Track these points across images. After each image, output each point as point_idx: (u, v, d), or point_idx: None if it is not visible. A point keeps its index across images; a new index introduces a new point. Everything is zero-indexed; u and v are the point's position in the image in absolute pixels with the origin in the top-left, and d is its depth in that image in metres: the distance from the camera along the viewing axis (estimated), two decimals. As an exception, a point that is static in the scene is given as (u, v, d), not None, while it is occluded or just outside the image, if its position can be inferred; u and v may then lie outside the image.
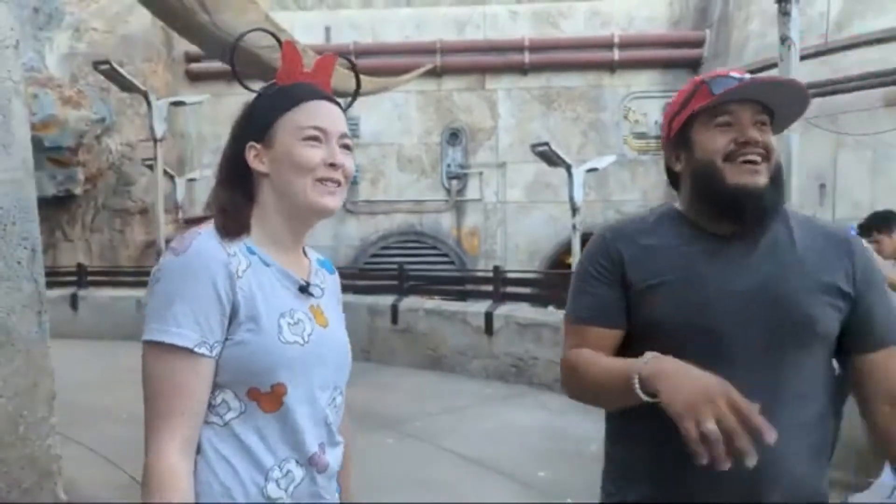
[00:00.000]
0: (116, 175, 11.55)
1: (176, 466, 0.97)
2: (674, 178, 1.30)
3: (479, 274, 10.54)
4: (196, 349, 0.99)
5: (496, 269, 7.69)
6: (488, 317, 6.74)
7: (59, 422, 2.45)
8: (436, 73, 11.46)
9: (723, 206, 1.16)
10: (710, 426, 0.92)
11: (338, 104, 1.15)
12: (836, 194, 8.15)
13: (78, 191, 10.92)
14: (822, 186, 8.19)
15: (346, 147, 1.13)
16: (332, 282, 1.26)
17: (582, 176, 8.45)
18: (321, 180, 1.10)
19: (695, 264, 1.17)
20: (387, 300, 7.74)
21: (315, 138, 1.10)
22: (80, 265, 9.96)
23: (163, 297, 1.01)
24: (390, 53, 11.63)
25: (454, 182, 11.99)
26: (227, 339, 1.03)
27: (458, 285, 9.05)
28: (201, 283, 1.01)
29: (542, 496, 3.73)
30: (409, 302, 7.68)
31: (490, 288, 7.35)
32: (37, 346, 2.34)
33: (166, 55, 12.02)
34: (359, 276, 10.14)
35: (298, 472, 1.08)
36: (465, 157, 12.03)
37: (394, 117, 11.99)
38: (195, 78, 12.04)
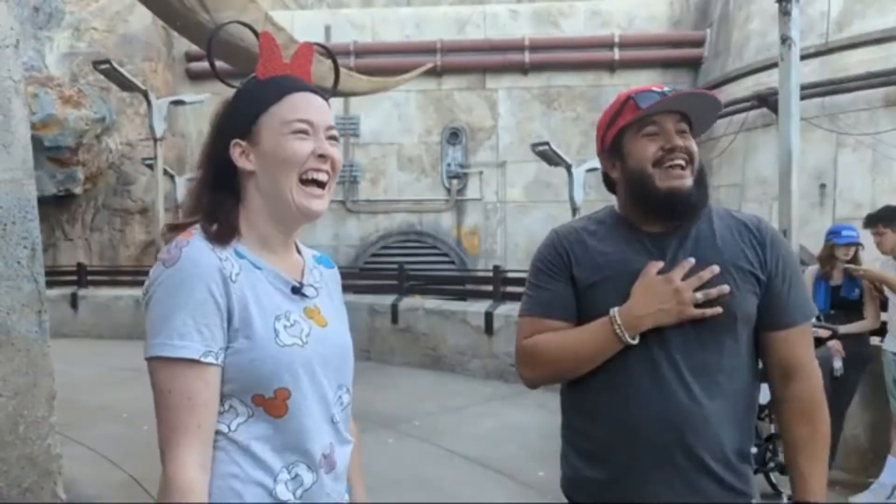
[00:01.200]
0: (116, 174, 11.54)
1: (195, 480, 0.95)
2: (610, 184, 1.43)
3: (479, 274, 10.55)
4: (202, 359, 0.98)
5: (496, 268, 7.69)
6: (488, 316, 6.74)
7: (59, 421, 2.45)
8: (436, 72, 11.45)
9: (655, 208, 1.30)
10: (691, 312, 1.23)
11: (322, 95, 1.12)
12: (837, 194, 8.14)
13: (78, 190, 10.92)
14: (823, 186, 8.19)
15: (333, 138, 1.11)
16: (331, 277, 1.24)
17: (582, 176, 8.44)
18: (309, 176, 1.07)
19: (631, 261, 1.31)
20: (387, 300, 7.74)
21: (303, 131, 1.07)
22: (80, 265, 9.97)
23: (161, 310, 0.99)
24: (390, 53, 11.63)
25: (454, 181, 11.99)
26: (227, 346, 1.02)
27: (458, 285, 9.05)
28: (198, 291, 0.99)
29: (542, 496, 3.73)
30: (409, 301, 7.68)
31: (490, 288, 7.35)
32: (37, 346, 2.33)
33: (166, 54, 12.02)
34: (359, 276, 10.14)
35: (307, 476, 1.06)
36: (466, 156, 12.02)
37: (394, 116, 11.98)
38: (195, 77, 12.04)
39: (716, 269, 1.24)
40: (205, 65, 11.82)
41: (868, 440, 4.06)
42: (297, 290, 1.10)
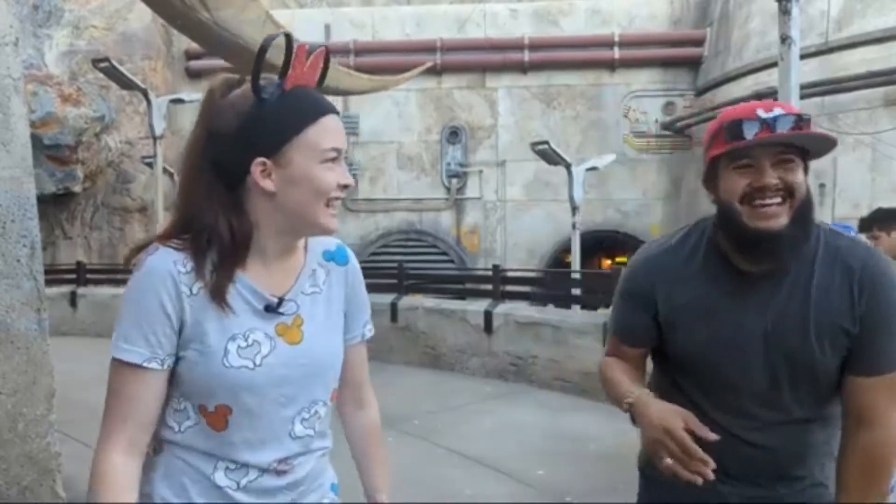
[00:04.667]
0: (116, 173, 11.54)
1: (116, 465, 1.01)
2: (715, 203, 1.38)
3: (479, 272, 10.54)
4: (145, 364, 1.02)
5: (496, 267, 7.68)
6: (488, 315, 6.74)
7: (59, 419, 2.45)
8: (436, 71, 11.45)
9: (743, 246, 1.23)
10: (665, 463, 1.16)
11: (338, 113, 1.11)
12: (836, 194, 8.15)
13: (77, 188, 10.92)
14: (822, 186, 8.19)
15: (344, 160, 1.12)
16: (342, 275, 1.20)
17: (582, 174, 8.45)
18: (330, 202, 1.07)
19: (715, 302, 1.28)
20: (386, 298, 7.74)
21: (333, 159, 1.05)
22: (79, 263, 9.96)
23: (121, 313, 1.05)
24: (390, 51, 11.63)
25: (454, 180, 11.99)
26: (179, 354, 1.05)
27: (458, 284, 9.05)
28: (149, 300, 1.02)
29: (541, 495, 3.73)
30: (409, 300, 7.68)
31: (489, 286, 7.35)
32: (36, 344, 2.33)
33: (166, 52, 12.01)
34: (358, 275, 10.13)
35: (253, 471, 1.07)
36: (465, 155, 12.02)
37: (394, 115, 11.98)
38: (195, 75, 12.03)
39: (713, 437, 1.17)
40: (204, 63, 11.84)
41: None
42: (270, 308, 1.08)
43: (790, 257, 1.22)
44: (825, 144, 1.22)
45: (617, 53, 11.59)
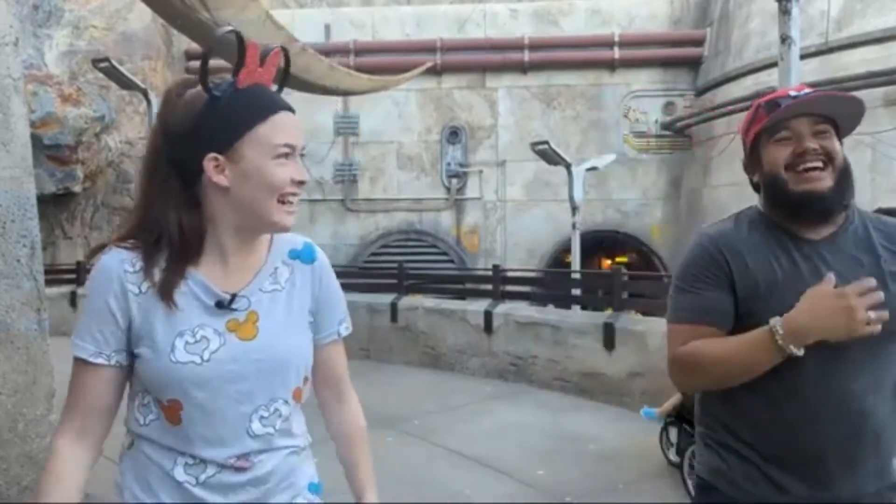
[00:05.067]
0: (116, 173, 11.54)
1: (59, 451, 1.09)
2: (756, 187, 1.45)
3: (479, 272, 10.54)
4: (91, 359, 1.08)
5: (496, 267, 7.68)
6: (488, 315, 6.74)
7: (59, 419, 2.45)
8: (436, 71, 11.45)
9: (792, 211, 1.31)
10: (867, 319, 1.17)
11: (293, 111, 1.11)
12: (836, 193, 8.15)
13: (77, 188, 10.92)
14: (822, 186, 8.19)
15: (302, 157, 1.13)
16: (307, 273, 1.19)
17: (582, 174, 8.45)
18: (285, 198, 1.08)
19: (790, 268, 1.31)
20: (386, 298, 7.74)
21: (285, 155, 1.07)
22: (79, 263, 9.96)
23: (81, 311, 1.15)
24: (390, 51, 11.62)
25: (454, 180, 11.99)
26: (134, 350, 1.09)
27: (458, 284, 9.05)
28: (96, 300, 1.08)
29: (541, 495, 3.73)
30: (409, 300, 7.68)
31: (489, 286, 7.35)
32: (36, 344, 2.33)
33: (166, 53, 12.01)
34: (358, 275, 10.13)
35: (211, 467, 1.09)
36: (465, 155, 12.02)
37: (394, 115, 11.98)
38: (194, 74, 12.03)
39: (880, 295, 1.18)
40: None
41: None
42: (221, 304, 1.08)
43: (836, 215, 1.30)
44: (855, 110, 1.31)
45: (617, 53, 11.59)
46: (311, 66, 5.58)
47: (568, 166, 8.32)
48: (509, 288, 7.29)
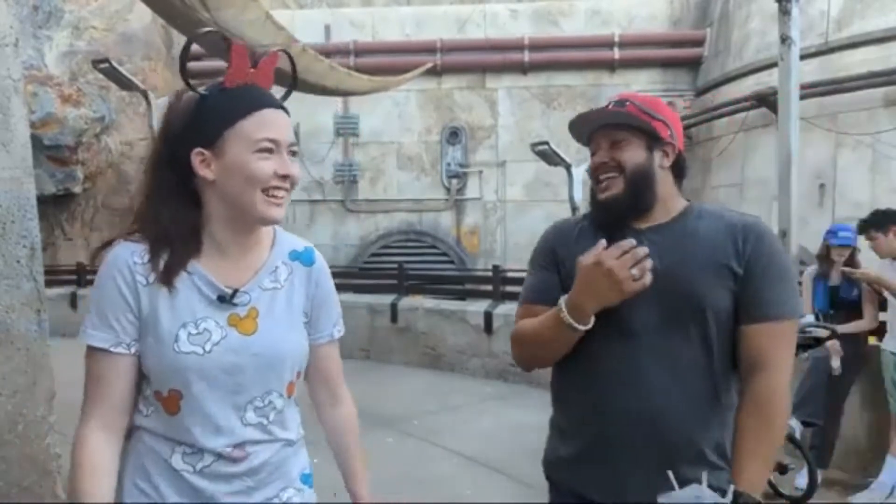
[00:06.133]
0: (116, 173, 11.54)
1: (90, 441, 1.09)
2: None
3: (479, 273, 10.54)
4: (112, 349, 1.10)
5: (496, 268, 7.68)
6: (488, 316, 6.74)
7: (59, 420, 2.45)
8: (436, 71, 11.45)
9: (598, 214, 1.44)
10: (630, 273, 1.24)
11: (285, 109, 1.15)
12: (836, 194, 8.14)
13: (77, 189, 10.92)
14: (822, 186, 8.19)
15: (293, 153, 1.15)
16: (305, 275, 1.23)
17: (582, 175, 8.44)
18: (270, 192, 1.10)
19: None
20: (386, 299, 7.74)
21: (268, 150, 1.09)
22: (79, 264, 9.96)
23: (90, 304, 1.14)
24: (390, 52, 11.62)
25: (454, 181, 11.98)
26: (140, 341, 1.11)
27: (458, 284, 9.05)
28: (109, 289, 1.11)
29: (541, 495, 3.72)
30: (409, 301, 7.68)
31: (489, 287, 7.35)
32: (36, 345, 2.33)
33: (166, 53, 12.01)
34: (358, 275, 10.13)
35: (208, 456, 1.12)
36: (465, 155, 12.02)
37: (394, 116, 11.98)
38: (195, 76, 11.91)
39: (644, 250, 1.26)
40: (204, 64, 11.80)
41: (867, 440, 4.06)
42: (223, 298, 1.12)
43: (632, 216, 1.39)
44: (621, 120, 1.40)
45: (617, 54, 11.58)
46: (312, 67, 5.58)
47: (568, 167, 8.32)
48: (509, 288, 7.29)
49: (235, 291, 1.13)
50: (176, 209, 1.11)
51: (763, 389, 1.29)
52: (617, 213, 1.38)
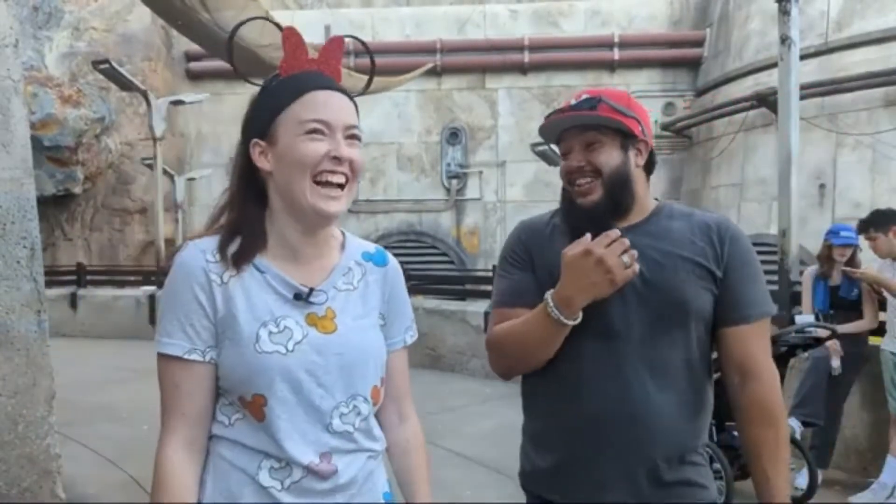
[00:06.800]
0: (116, 174, 11.55)
1: (173, 460, 1.03)
2: None
3: (479, 273, 10.55)
4: (186, 356, 1.04)
5: (496, 268, 7.68)
6: (487, 316, 6.73)
7: (59, 421, 2.45)
8: (436, 72, 11.46)
9: (574, 219, 1.36)
10: (620, 261, 1.20)
11: (345, 92, 1.11)
12: (836, 194, 8.15)
13: (77, 190, 10.93)
14: (822, 186, 8.19)
15: (354, 138, 1.11)
16: (380, 276, 1.19)
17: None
18: (324, 178, 1.05)
19: None
20: (386, 299, 7.74)
21: (317, 131, 1.05)
22: (79, 264, 9.96)
23: (161, 309, 1.08)
24: (390, 52, 11.63)
25: (454, 181, 11.99)
26: (218, 345, 1.05)
27: (458, 285, 9.05)
28: (183, 293, 1.05)
29: (542, 495, 3.73)
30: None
31: (489, 287, 7.34)
32: (36, 345, 2.33)
33: (166, 54, 12.01)
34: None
35: (297, 470, 1.05)
36: (465, 156, 12.03)
37: (394, 116, 11.99)
38: (195, 77, 12.03)
39: (625, 241, 1.22)
40: (204, 65, 11.85)
41: (867, 440, 4.06)
42: (299, 297, 1.07)
43: (611, 220, 1.32)
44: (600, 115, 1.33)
45: (617, 54, 11.59)
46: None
47: (568, 167, 8.32)
48: (509, 289, 7.28)
49: (311, 290, 1.08)
50: (244, 202, 1.08)
51: (765, 397, 1.28)
52: (596, 218, 1.31)
